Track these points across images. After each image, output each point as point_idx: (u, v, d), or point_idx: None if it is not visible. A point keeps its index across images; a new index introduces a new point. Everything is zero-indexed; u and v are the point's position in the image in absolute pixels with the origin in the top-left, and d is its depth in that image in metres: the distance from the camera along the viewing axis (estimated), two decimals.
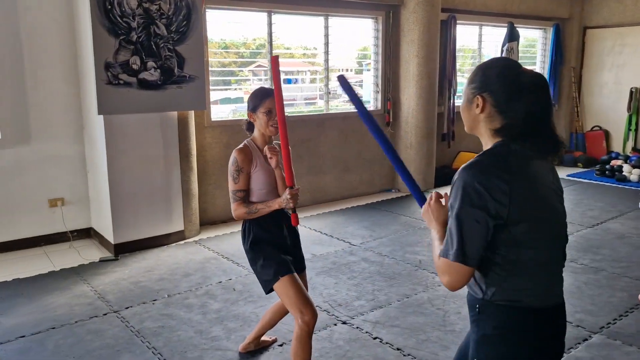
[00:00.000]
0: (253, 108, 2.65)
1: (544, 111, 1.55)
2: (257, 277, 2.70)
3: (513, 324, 1.56)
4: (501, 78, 1.56)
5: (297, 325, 2.51)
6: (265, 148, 2.63)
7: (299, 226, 2.77)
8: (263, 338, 3.18)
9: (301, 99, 6.91)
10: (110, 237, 4.82)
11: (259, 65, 6.25)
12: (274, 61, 2.57)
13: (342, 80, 2.08)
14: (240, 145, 2.67)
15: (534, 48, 9.26)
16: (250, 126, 2.74)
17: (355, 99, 2.03)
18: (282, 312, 2.96)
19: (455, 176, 1.55)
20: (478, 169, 1.52)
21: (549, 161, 1.64)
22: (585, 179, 7.83)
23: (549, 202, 1.59)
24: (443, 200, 1.72)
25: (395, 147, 7.15)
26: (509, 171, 1.50)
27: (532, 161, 1.57)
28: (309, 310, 2.50)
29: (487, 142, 1.62)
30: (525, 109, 1.53)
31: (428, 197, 1.75)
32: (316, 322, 2.55)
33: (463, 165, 1.55)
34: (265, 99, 2.61)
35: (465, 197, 1.49)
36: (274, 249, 2.64)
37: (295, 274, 2.61)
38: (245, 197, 2.62)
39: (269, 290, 2.63)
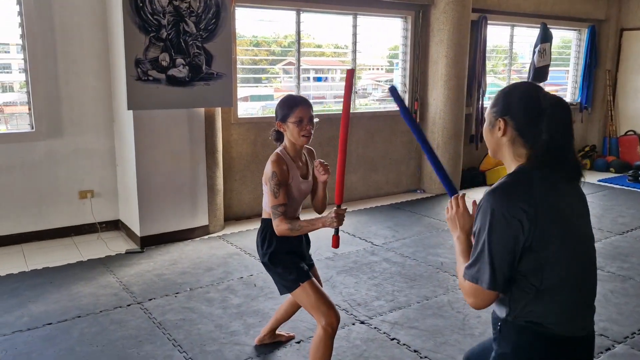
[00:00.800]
0: (282, 118, 2.52)
1: (564, 134, 1.55)
2: (275, 281, 2.69)
3: (531, 347, 1.55)
4: (522, 101, 1.57)
5: (320, 328, 2.50)
6: (316, 162, 2.58)
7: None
8: (279, 332, 3.21)
9: (331, 97, 6.92)
10: (136, 230, 4.92)
11: (289, 63, 6.28)
12: (349, 75, 2.36)
13: (393, 91, 2.04)
14: (274, 157, 2.52)
15: (568, 50, 9.07)
16: (278, 136, 2.62)
17: (403, 108, 2.01)
18: (297, 305, 2.97)
19: (482, 200, 1.54)
20: (505, 194, 1.52)
21: (574, 184, 1.62)
22: (617, 184, 7.64)
23: (575, 227, 1.57)
24: (470, 208, 1.70)
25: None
26: (534, 197, 1.50)
27: (557, 185, 1.56)
28: (332, 313, 2.50)
29: (510, 165, 1.63)
30: (545, 132, 1.53)
31: (454, 202, 1.73)
32: (339, 324, 2.55)
33: (489, 189, 1.55)
34: (295, 108, 2.49)
35: (494, 223, 1.49)
36: (294, 257, 2.63)
37: (314, 279, 2.62)
38: (286, 211, 2.51)
39: (285, 293, 2.65)
